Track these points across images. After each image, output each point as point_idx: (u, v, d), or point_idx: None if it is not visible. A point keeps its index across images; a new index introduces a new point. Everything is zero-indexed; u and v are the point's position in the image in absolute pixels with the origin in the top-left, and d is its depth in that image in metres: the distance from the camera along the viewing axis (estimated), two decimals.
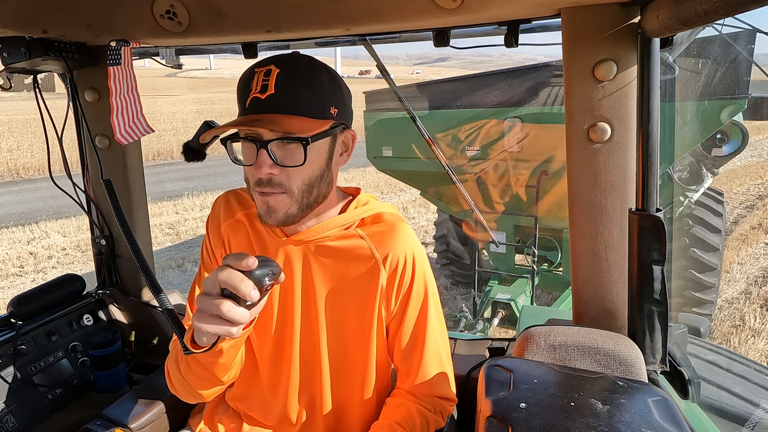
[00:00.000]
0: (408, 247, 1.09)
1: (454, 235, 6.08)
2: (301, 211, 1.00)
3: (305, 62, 0.96)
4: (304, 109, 0.92)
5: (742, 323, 5.15)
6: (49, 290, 1.69)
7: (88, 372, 1.64)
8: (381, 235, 1.08)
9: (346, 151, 1.06)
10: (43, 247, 7.83)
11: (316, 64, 0.97)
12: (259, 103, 0.91)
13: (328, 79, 0.97)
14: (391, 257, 1.07)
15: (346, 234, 1.08)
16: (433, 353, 1.14)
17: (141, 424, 1.30)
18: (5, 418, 1.38)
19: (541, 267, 5.09)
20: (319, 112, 0.94)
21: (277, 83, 0.91)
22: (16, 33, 1.33)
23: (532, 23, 1.30)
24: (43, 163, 14.22)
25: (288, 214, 0.98)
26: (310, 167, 0.96)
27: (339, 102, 0.99)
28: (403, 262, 1.08)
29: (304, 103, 0.93)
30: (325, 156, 1.00)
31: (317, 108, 0.94)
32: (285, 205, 0.97)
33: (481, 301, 4.77)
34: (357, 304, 1.10)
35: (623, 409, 0.89)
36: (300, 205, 0.99)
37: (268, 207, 0.97)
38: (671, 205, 4.80)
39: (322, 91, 0.95)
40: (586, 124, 1.17)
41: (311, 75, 0.94)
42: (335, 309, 1.10)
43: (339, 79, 1.01)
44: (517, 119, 4.24)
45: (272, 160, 0.92)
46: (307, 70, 0.94)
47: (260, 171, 0.93)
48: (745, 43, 3.56)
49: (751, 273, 6.42)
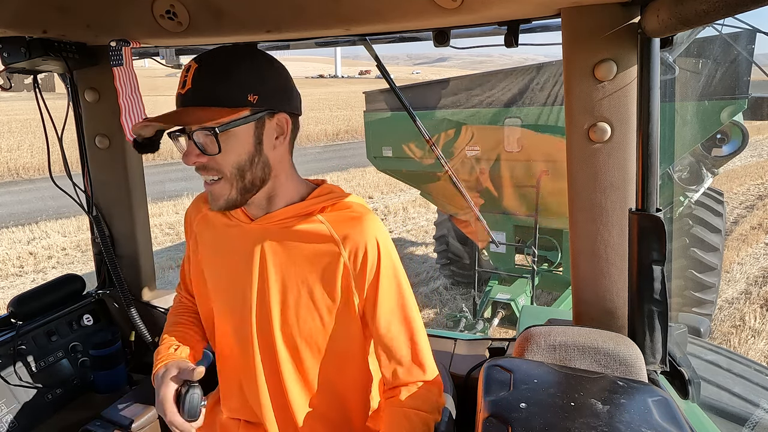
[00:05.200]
0: (371, 233, 1.08)
1: (454, 235, 6.07)
2: (240, 195, 1.05)
3: (224, 54, 1.01)
4: (218, 99, 0.98)
5: (742, 323, 5.15)
6: (49, 290, 1.69)
7: (88, 372, 1.64)
8: (341, 219, 1.09)
9: (283, 135, 1.07)
10: (43, 247, 7.83)
11: (236, 53, 1.01)
12: (180, 99, 1.00)
13: (248, 68, 1.00)
14: (351, 240, 1.07)
15: (307, 219, 1.10)
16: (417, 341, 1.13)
17: (141, 425, 1.30)
18: (5, 418, 1.38)
19: (541, 267, 5.09)
20: (233, 101, 0.98)
21: (194, 78, 0.98)
22: (16, 33, 1.33)
23: (532, 23, 1.30)
24: (43, 163, 14.21)
25: (228, 199, 1.04)
26: (235, 153, 1.01)
27: (260, 89, 1.01)
28: (364, 247, 1.07)
29: (218, 93, 0.98)
30: (250, 141, 1.02)
31: (232, 97, 0.98)
32: (224, 191, 1.04)
33: (481, 301, 4.77)
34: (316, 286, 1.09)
35: (623, 409, 0.89)
36: (237, 189, 1.04)
37: (212, 195, 1.06)
38: (671, 205, 4.80)
39: (238, 80, 0.99)
40: (586, 124, 1.17)
41: (226, 66, 0.99)
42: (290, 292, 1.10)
43: (266, 66, 1.03)
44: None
45: (199, 149, 0.99)
46: (223, 62, 0.99)
47: (187, 159, 1.01)
48: (745, 43, 3.56)
49: (751, 273, 6.42)
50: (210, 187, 1.05)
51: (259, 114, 1.01)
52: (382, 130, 5.05)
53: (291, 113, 1.06)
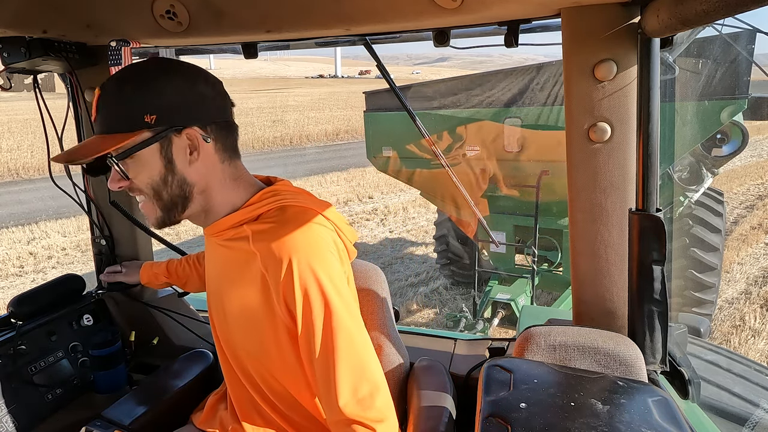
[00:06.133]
0: (287, 246, 0.97)
1: (454, 235, 6.07)
2: (166, 213, 1.05)
3: (122, 75, 1.00)
4: (114, 126, 0.98)
5: (742, 323, 5.15)
6: (49, 290, 1.69)
7: (88, 372, 1.63)
8: (264, 231, 1.01)
9: (196, 150, 1.01)
10: (43, 247, 7.83)
11: (135, 72, 1.00)
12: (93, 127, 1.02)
13: (144, 88, 0.96)
14: (269, 253, 0.98)
15: (237, 231, 1.05)
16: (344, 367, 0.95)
17: (141, 425, 1.29)
18: (5, 418, 1.37)
19: (541, 267, 5.09)
20: (128, 126, 0.97)
21: (98, 105, 0.99)
22: (16, 33, 1.33)
23: (532, 23, 1.30)
24: (43, 163, 14.21)
25: (156, 217, 1.06)
26: (145, 175, 1.01)
27: (157, 108, 0.96)
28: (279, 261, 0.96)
29: (113, 119, 0.98)
30: (158, 162, 0.99)
31: (127, 122, 0.97)
32: (150, 210, 1.05)
33: (481, 301, 4.77)
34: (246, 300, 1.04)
35: (623, 409, 0.89)
36: (159, 208, 1.04)
37: (144, 213, 1.08)
38: (671, 205, 4.80)
39: (131, 103, 0.97)
40: (586, 124, 1.17)
41: (120, 89, 0.98)
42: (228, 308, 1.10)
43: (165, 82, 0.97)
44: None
45: (120, 174, 1.01)
46: (117, 85, 0.98)
47: (111, 185, 1.03)
48: (745, 43, 3.56)
49: (751, 273, 6.42)
50: (141, 206, 1.07)
51: (160, 134, 0.97)
52: (382, 130, 5.05)
53: (205, 125, 1.00)
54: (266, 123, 22.88)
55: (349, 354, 0.96)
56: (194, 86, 1.00)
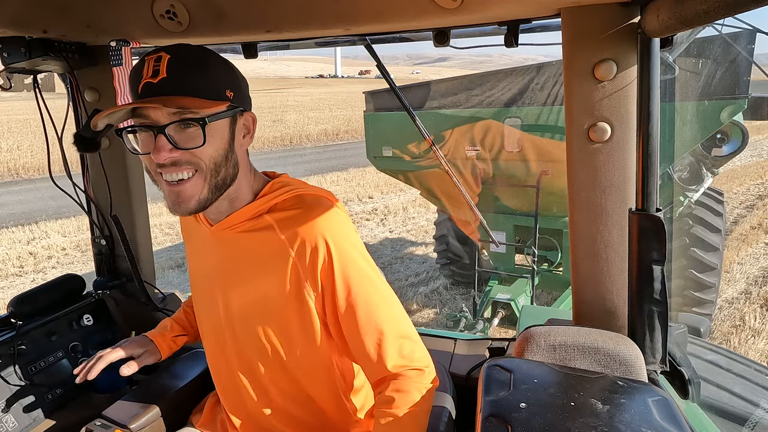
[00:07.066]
0: (317, 227, 1.01)
1: (454, 235, 6.07)
2: (211, 194, 0.99)
3: (197, 48, 0.98)
4: (198, 90, 0.93)
5: (742, 323, 5.15)
6: (49, 290, 1.69)
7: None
8: (289, 215, 1.04)
9: (249, 134, 1.06)
10: (43, 247, 7.82)
11: (207, 50, 0.99)
12: (152, 88, 0.91)
13: (222, 64, 0.99)
14: (298, 237, 1.01)
15: (256, 222, 1.06)
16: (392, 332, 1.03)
17: (141, 425, 1.29)
18: (5, 418, 1.38)
19: (541, 267, 5.09)
20: (214, 94, 0.95)
21: (169, 67, 0.91)
22: (16, 33, 1.33)
23: (532, 23, 1.30)
24: (43, 163, 14.21)
25: (200, 199, 0.98)
26: (212, 147, 0.96)
27: (234, 86, 1.00)
28: (312, 242, 1.00)
29: (198, 84, 0.94)
30: (226, 137, 0.99)
31: (212, 89, 0.95)
32: (196, 189, 0.97)
33: (481, 301, 4.77)
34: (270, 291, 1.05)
35: (623, 409, 0.89)
36: (210, 186, 0.98)
37: (181, 196, 0.97)
38: (671, 205, 4.80)
39: (216, 74, 0.97)
40: (586, 124, 1.17)
41: (203, 59, 0.96)
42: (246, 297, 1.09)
43: (233, 66, 1.03)
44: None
45: (171, 144, 0.92)
46: (198, 55, 0.96)
47: (159, 156, 0.92)
48: (745, 43, 3.56)
49: (751, 273, 6.41)
50: (178, 187, 0.96)
51: (234, 110, 0.99)
52: (382, 130, 5.05)
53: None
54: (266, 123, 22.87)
55: (390, 320, 1.04)
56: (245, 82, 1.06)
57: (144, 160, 0.99)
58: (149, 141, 0.94)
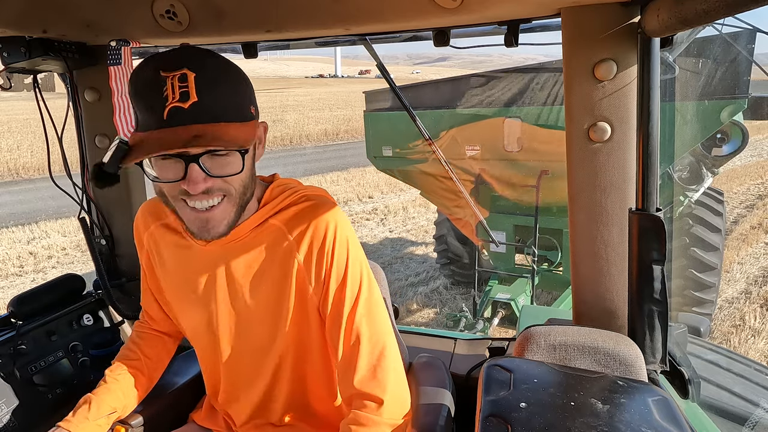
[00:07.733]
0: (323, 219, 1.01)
1: (454, 234, 6.07)
2: (237, 215, 0.98)
3: (222, 63, 0.90)
4: (231, 114, 0.87)
5: (742, 323, 5.15)
6: (49, 290, 1.69)
7: (88, 372, 1.63)
8: (295, 216, 1.03)
9: (261, 144, 1.01)
10: (43, 247, 7.82)
11: (230, 63, 0.92)
12: (183, 114, 0.83)
13: (244, 78, 0.93)
14: (306, 235, 1.01)
15: (261, 227, 1.04)
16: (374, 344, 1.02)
17: (141, 423, 1.30)
18: (5, 418, 1.38)
19: (541, 267, 5.09)
20: (243, 115, 0.91)
21: (199, 89, 0.83)
22: (16, 33, 1.33)
23: (532, 23, 1.30)
24: (43, 163, 14.21)
25: (229, 222, 0.96)
26: (247, 170, 0.94)
27: (254, 99, 0.97)
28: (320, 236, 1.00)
29: (229, 105, 0.88)
30: (251, 155, 0.98)
31: (241, 110, 0.90)
32: (227, 212, 0.94)
33: (481, 301, 4.77)
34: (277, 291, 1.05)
35: (623, 409, 0.89)
36: (237, 208, 0.96)
37: (208, 223, 0.93)
38: (671, 205, 4.80)
39: (242, 90, 0.92)
40: (586, 123, 1.17)
41: (230, 77, 0.89)
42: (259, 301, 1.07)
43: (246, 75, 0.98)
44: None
45: (205, 173, 0.87)
46: (225, 72, 0.89)
47: (195, 187, 0.87)
48: (745, 43, 3.56)
49: (751, 273, 6.41)
50: (207, 213, 0.92)
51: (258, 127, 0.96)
52: (382, 129, 5.05)
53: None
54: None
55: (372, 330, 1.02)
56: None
57: (163, 187, 0.93)
58: (175, 168, 0.88)
